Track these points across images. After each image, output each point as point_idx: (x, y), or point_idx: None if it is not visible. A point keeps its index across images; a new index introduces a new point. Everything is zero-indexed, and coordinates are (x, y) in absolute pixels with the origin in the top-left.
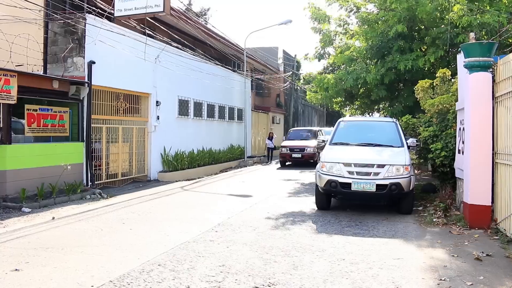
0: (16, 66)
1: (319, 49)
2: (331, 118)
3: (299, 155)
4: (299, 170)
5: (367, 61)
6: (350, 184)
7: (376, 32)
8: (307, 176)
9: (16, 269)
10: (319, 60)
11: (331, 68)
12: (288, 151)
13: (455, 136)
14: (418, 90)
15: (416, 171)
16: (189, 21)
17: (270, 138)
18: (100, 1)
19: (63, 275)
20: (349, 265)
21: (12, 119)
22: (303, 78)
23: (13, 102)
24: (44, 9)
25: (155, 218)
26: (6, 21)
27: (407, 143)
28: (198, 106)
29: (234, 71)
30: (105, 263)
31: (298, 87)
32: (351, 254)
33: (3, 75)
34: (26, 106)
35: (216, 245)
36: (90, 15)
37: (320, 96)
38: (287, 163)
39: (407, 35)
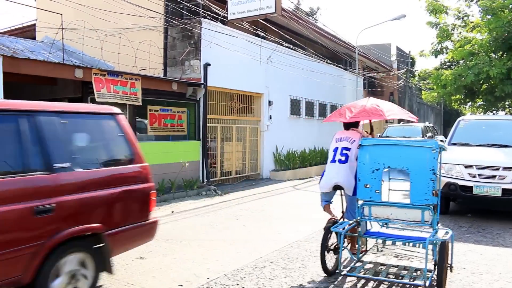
0: (139, 70)
1: (435, 44)
2: (448, 117)
3: None
4: None
5: (491, 55)
6: (471, 187)
7: (502, 22)
8: None
9: (141, 257)
10: (435, 56)
11: (448, 63)
12: None
13: None
14: None
15: None
16: (299, 20)
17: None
18: (214, 6)
19: (182, 265)
20: (471, 275)
21: (136, 119)
22: (418, 75)
23: (139, 104)
24: (164, 17)
25: (267, 215)
26: (131, 29)
27: None
28: (309, 105)
29: (345, 69)
30: (219, 257)
31: (413, 85)
32: (473, 263)
33: (130, 78)
34: (149, 107)
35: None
36: (205, 19)
37: (436, 93)
38: None
39: None
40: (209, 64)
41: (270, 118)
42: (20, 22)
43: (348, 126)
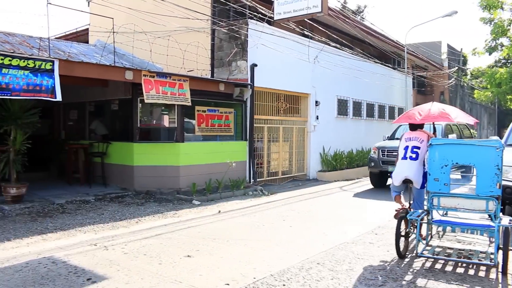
0: (187, 71)
1: (489, 41)
2: (503, 117)
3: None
4: None
5: None
6: None
7: None
8: None
9: (188, 256)
10: (489, 54)
11: (504, 61)
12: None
13: None
14: None
15: None
16: (346, 19)
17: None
18: (260, 6)
19: (228, 264)
20: None
21: (184, 120)
22: (471, 73)
23: (188, 104)
24: (211, 18)
25: (314, 216)
26: (179, 31)
27: None
28: (357, 105)
29: (394, 68)
30: (266, 257)
31: (465, 84)
32: None
33: (178, 80)
34: (196, 108)
35: (376, 248)
36: (252, 20)
37: (490, 92)
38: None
39: None
40: (255, 65)
41: (317, 118)
42: (74, 27)
43: (414, 127)
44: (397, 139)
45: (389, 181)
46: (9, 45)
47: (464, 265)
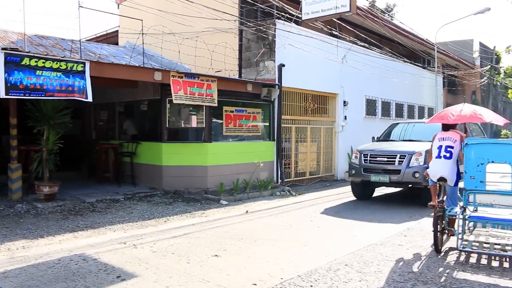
0: (215, 72)
1: None
2: None
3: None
4: None
5: None
6: None
7: None
8: None
9: (216, 255)
10: None
11: None
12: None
13: None
14: None
15: None
16: (375, 18)
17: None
18: (288, 6)
19: (255, 264)
20: None
21: (212, 120)
22: (504, 72)
23: (215, 105)
24: (239, 19)
25: (342, 217)
26: (207, 32)
27: None
28: (386, 105)
29: (423, 67)
30: (293, 257)
31: (498, 83)
32: None
33: (206, 80)
34: (224, 108)
35: (405, 250)
36: (280, 20)
37: None
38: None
39: None
40: (283, 65)
41: (345, 118)
42: (104, 29)
43: (447, 127)
44: (392, 140)
45: (376, 193)
46: (42, 47)
47: (497, 258)
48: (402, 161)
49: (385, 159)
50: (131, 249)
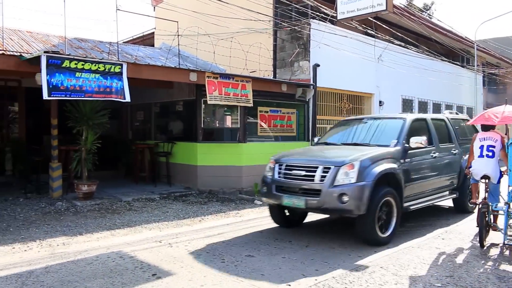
0: (250, 72)
1: None
2: None
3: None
4: None
5: None
6: None
7: None
8: None
9: (250, 255)
10: None
11: None
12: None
13: None
14: None
15: None
16: (412, 17)
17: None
18: (323, 6)
19: (290, 265)
20: None
21: (247, 120)
22: None
23: (250, 105)
24: (273, 19)
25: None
26: (242, 33)
27: None
28: (422, 105)
29: (462, 66)
30: (328, 259)
31: None
32: None
33: (240, 81)
34: (259, 108)
35: (443, 253)
36: (314, 20)
37: None
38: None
39: None
40: (318, 65)
41: None
42: (141, 31)
43: (487, 128)
44: (332, 144)
45: (307, 219)
46: (82, 50)
47: None
48: (325, 176)
49: (303, 172)
50: (167, 247)
